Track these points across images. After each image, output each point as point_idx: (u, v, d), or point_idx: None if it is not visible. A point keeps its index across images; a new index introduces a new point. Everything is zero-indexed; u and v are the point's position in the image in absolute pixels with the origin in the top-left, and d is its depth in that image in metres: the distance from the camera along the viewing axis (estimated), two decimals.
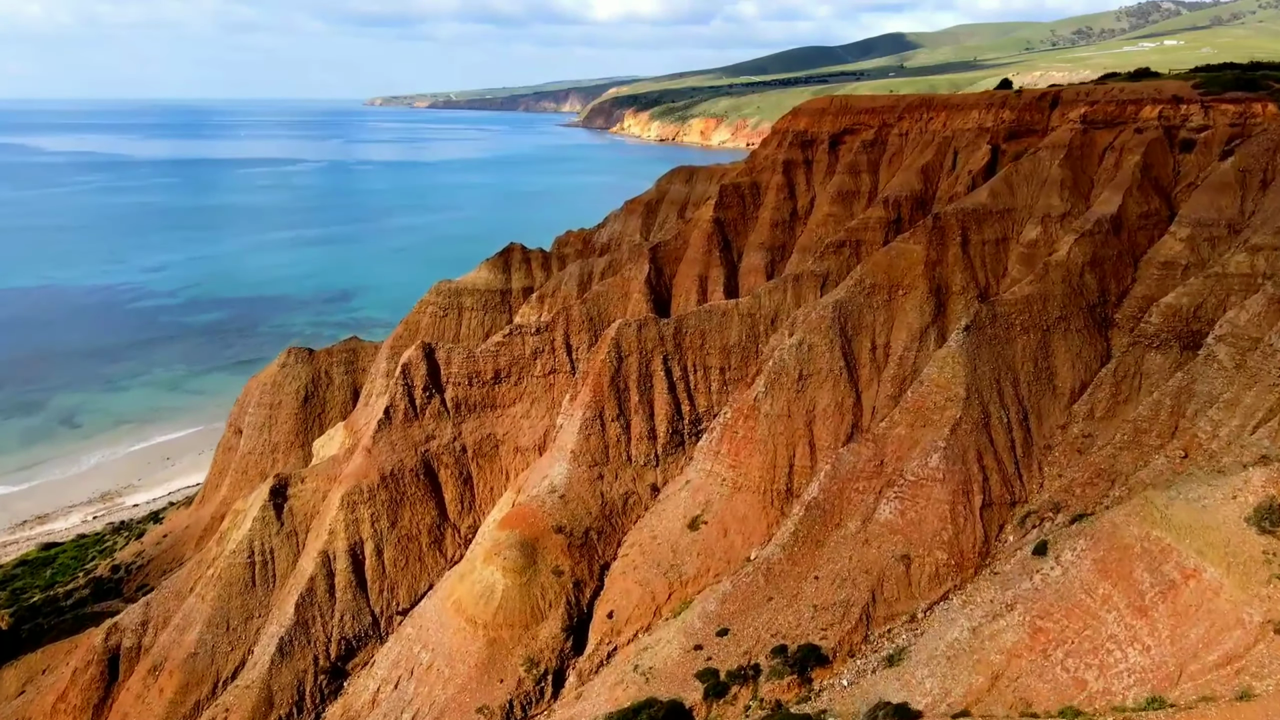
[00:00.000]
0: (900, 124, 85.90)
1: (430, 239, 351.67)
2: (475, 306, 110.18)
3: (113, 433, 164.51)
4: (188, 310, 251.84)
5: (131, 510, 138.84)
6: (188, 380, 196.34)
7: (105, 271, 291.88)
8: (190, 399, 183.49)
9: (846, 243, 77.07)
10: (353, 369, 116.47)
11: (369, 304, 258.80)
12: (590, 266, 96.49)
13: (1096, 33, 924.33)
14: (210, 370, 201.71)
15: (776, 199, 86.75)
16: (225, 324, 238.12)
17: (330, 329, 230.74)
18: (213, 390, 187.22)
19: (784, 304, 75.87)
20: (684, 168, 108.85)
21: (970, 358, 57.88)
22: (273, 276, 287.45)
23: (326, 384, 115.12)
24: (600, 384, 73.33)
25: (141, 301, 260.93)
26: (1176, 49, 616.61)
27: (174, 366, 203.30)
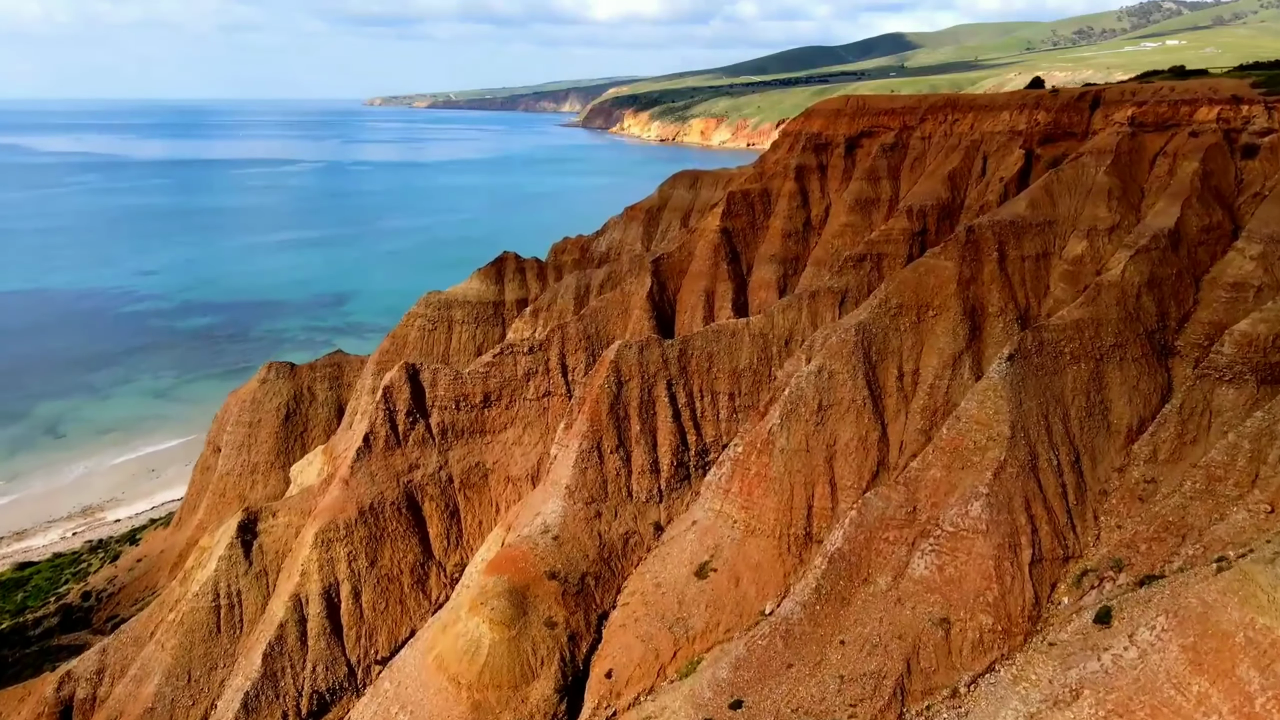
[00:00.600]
0: (923, 126, 79.14)
1: (426, 242, 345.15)
2: (466, 319, 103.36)
3: (97, 443, 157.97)
4: (178, 315, 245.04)
5: (113, 526, 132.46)
6: (176, 388, 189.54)
7: (95, 275, 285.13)
8: (178, 408, 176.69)
9: (867, 256, 70.25)
10: (337, 384, 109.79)
11: (362, 308, 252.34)
12: (588, 278, 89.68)
13: (1097, 32, 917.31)
14: (200, 378, 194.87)
15: (789, 207, 79.99)
16: (216, 329, 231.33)
17: (323, 334, 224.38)
18: (202, 399, 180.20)
19: (799, 323, 69.06)
20: (688, 172, 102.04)
21: (1014, 391, 51.11)
22: (265, 280, 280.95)
23: (309, 401, 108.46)
24: (598, 412, 66.53)
25: (131, 306, 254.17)
26: (1180, 49, 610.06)
27: (162, 374, 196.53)
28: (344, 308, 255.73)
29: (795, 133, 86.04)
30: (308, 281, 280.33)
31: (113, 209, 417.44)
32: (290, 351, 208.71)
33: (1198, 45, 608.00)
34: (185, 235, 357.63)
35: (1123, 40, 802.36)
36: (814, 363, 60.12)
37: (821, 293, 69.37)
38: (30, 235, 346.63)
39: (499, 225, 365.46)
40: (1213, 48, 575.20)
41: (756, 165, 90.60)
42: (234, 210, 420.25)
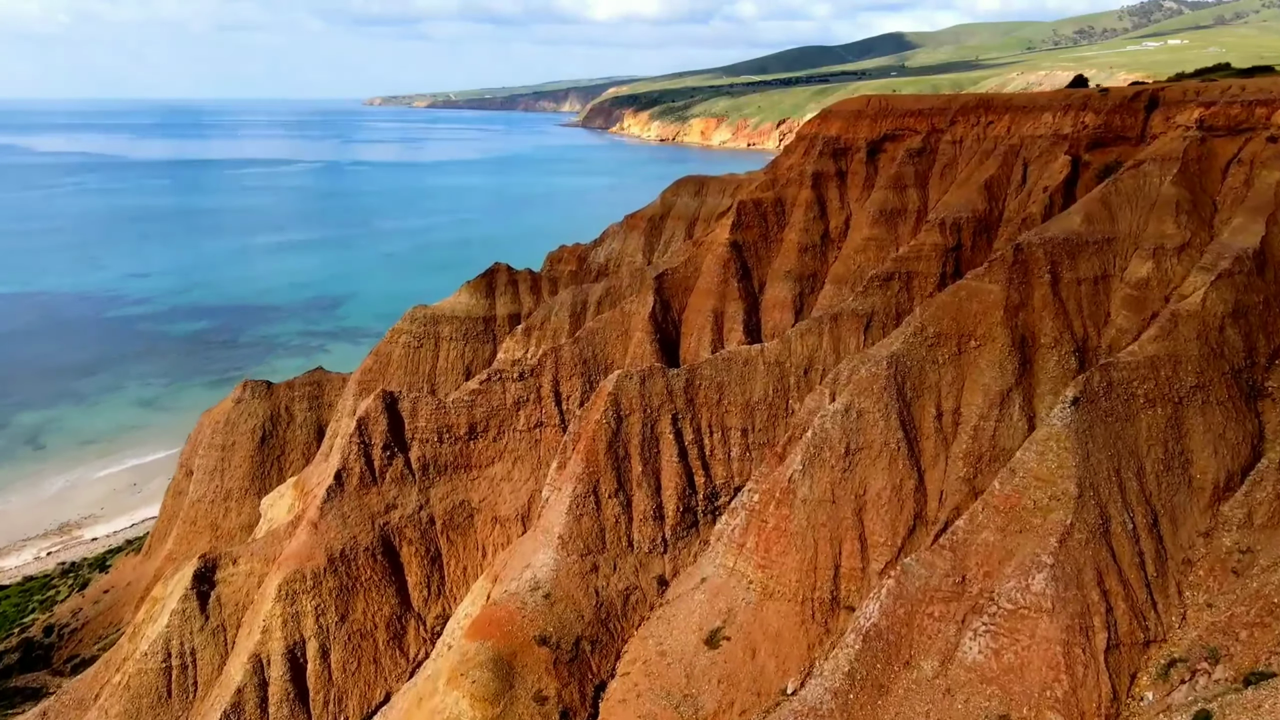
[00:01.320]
0: (953, 129, 71.30)
1: (424, 244, 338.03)
2: (454, 336, 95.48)
3: (79, 455, 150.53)
4: (168, 319, 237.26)
5: (89, 546, 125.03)
6: (164, 397, 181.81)
7: (85, 277, 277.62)
8: (165, 417, 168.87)
9: (895, 275, 62.38)
10: (317, 404, 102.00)
11: (357, 312, 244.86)
12: (585, 294, 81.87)
13: (1099, 32, 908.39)
14: (188, 386, 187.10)
15: (805, 218, 72.17)
16: (207, 334, 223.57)
17: (316, 339, 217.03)
18: (189, 407, 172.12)
19: (819, 351, 61.22)
20: (692, 178, 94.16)
21: (1080, 441, 43.27)
22: (259, 283, 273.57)
23: (287, 422, 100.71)
24: (595, 451, 58.70)
25: (119, 310, 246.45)
26: (1183, 48, 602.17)
27: (149, 382, 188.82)
28: (338, 311, 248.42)
29: (811, 136, 78.15)
30: (302, 284, 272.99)
31: (107, 210, 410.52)
32: (282, 358, 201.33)
33: (1201, 44, 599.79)
34: (179, 237, 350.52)
35: (1124, 39, 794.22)
36: (840, 400, 52.27)
37: (844, 316, 61.50)
38: (22, 237, 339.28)
39: (498, 227, 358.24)
40: (1216, 47, 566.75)
41: (768, 171, 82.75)
42: (230, 211, 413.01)
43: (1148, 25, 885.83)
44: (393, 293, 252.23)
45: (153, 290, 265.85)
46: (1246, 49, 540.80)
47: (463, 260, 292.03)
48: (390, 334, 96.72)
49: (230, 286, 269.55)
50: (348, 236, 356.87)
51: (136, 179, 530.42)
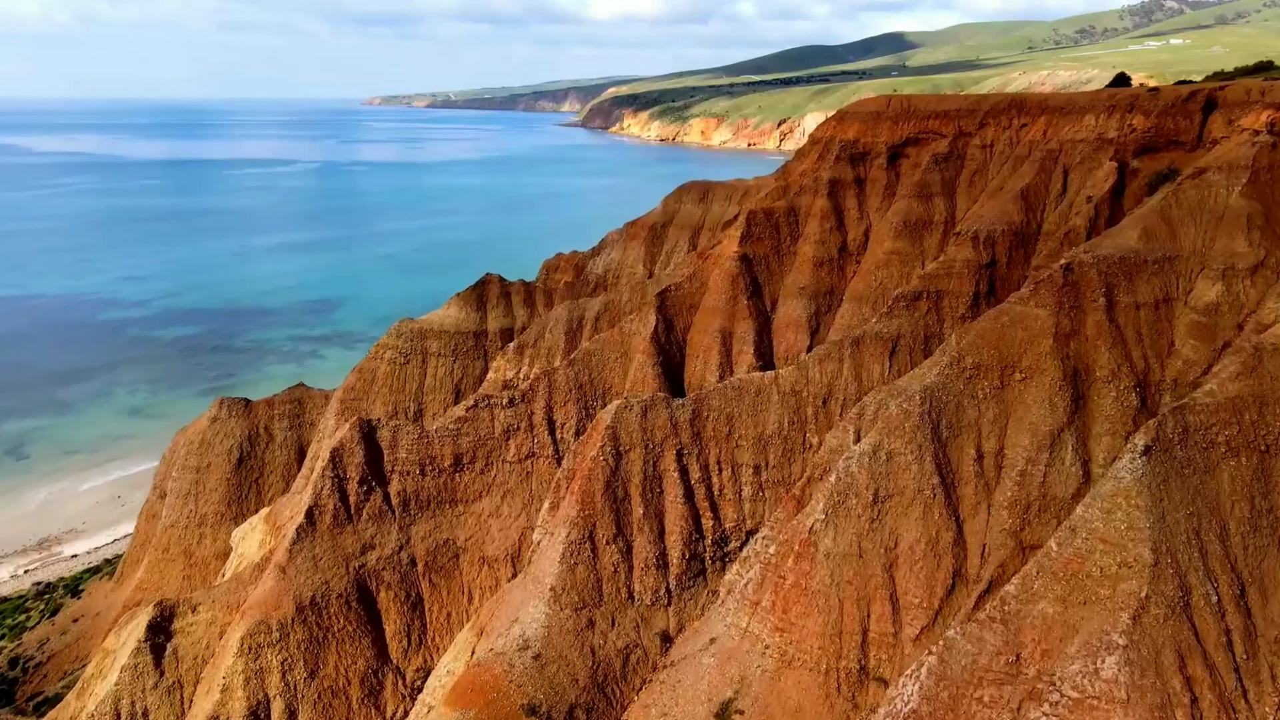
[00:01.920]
0: (982, 132, 64.90)
1: (421, 245, 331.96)
2: (443, 352, 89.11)
3: (63, 466, 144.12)
4: (159, 323, 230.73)
5: (69, 563, 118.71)
6: (152, 404, 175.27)
7: (76, 280, 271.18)
8: (152, 426, 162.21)
9: (923, 294, 55.96)
10: (298, 423, 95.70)
11: (352, 316, 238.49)
12: (581, 310, 75.50)
13: (1099, 31, 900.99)
14: (177, 393, 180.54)
15: (820, 230, 65.78)
16: (198, 339, 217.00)
17: (309, 344, 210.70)
18: (178, 416, 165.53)
19: (840, 379, 54.82)
20: (696, 183, 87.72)
21: (1155, 498, 36.92)
22: (253, 286, 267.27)
23: (266, 442, 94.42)
24: (591, 492, 52.33)
25: (110, 313, 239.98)
26: (1186, 48, 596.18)
27: (138, 389, 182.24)
28: (333, 316, 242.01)
29: (826, 140, 71.65)
30: (297, 287, 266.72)
31: (103, 210, 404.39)
32: (274, 364, 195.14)
33: (1204, 44, 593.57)
34: (175, 238, 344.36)
35: (1125, 39, 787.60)
36: (867, 440, 45.88)
37: (867, 340, 55.10)
38: (15, 238, 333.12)
39: (497, 228, 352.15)
40: (1220, 46, 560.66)
41: (778, 178, 76.34)
42: (226, 212, 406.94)
43: (1149, 25, 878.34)
44: (389, 296, 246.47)
45: (145, 293, 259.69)
46: (1250, 48, 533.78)
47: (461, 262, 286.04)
48: (375, 349, 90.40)
49: (224, 289, 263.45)
50: (344, 238, 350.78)
51: (134, 179, 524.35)
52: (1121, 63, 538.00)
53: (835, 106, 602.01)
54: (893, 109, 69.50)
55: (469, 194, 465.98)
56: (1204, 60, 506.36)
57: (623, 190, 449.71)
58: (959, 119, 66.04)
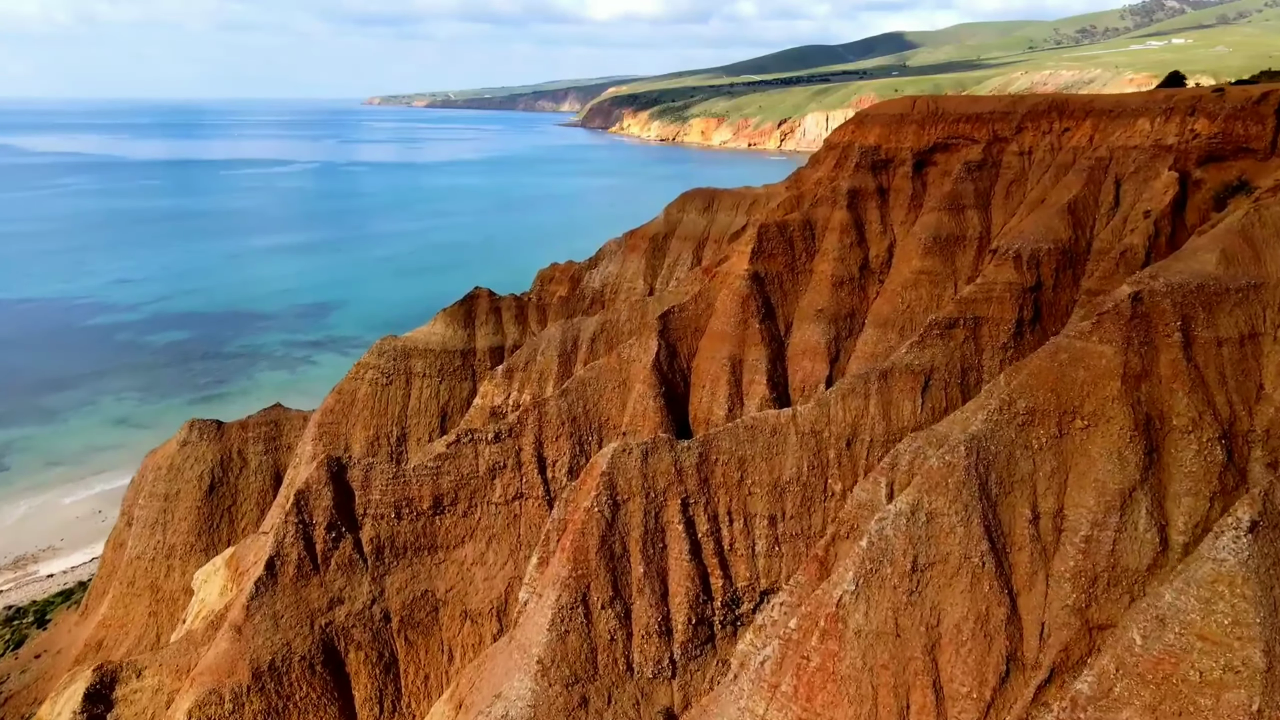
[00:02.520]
0: (1019, 138, 58.12)
1: (419, 247, 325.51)
2: (429, 372, 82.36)
3: (44, 478, 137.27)
4: (149, 328, 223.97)
5: (44, 584, 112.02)
6: (138, 413, 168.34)
7: (67, 283, 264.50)
8: (138, 437, 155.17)
9: (960, 321, 49.18)
10: (274, 447, 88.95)
11: (347, 320, 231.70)
12: (576, 330, 68.75)
13: (1100, 31, 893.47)
14: (165, 402, 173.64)
15: (840, 245, 58.99)
16: (188, 344, 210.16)
17: (302, 349, 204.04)
18: (164, 426, 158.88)
19: (865, 417, 48.05)
20: (700, 191, 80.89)
21: (1265, 586, 30.24)
22: (246, 289, 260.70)
23: (239, 468, 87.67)
24: (584, 548, 45.59)
25: (99, 317, 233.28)
26: (1189, 47, 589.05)
27: (124, 396, 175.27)
28: (327, 320, 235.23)
29: (843, 145, 64.78)
30: (291, 290, 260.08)
31: (98, 211, 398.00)
32: (265, 370, 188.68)
33: (1207, 44, 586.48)
34: (169, 240, 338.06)
35: (1127, 39, 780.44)
36: (905, 498, 39.11)
37: (897, 373, 48.31)
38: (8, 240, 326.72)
39: (496, 230, 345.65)
40: (1223, 46, 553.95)
41: (791, 186, 69.51)
42: (222, 213, 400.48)
43: (1150, 25, 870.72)
44: (384, 300, 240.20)
45: (137, 297, 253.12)
46: (1255, 48, 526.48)
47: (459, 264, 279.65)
48: (356, 369, 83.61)
49: (218, 293, 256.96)
50: (341, 239, 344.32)
51: (130, 180, 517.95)
52: (1124, 62, 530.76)
53: (836, 106, 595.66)
54: (918, 111, 62.65)
55: (468, 195, 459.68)
56: (1209, 60, 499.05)
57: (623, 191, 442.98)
58: (993, 123, 59.25)
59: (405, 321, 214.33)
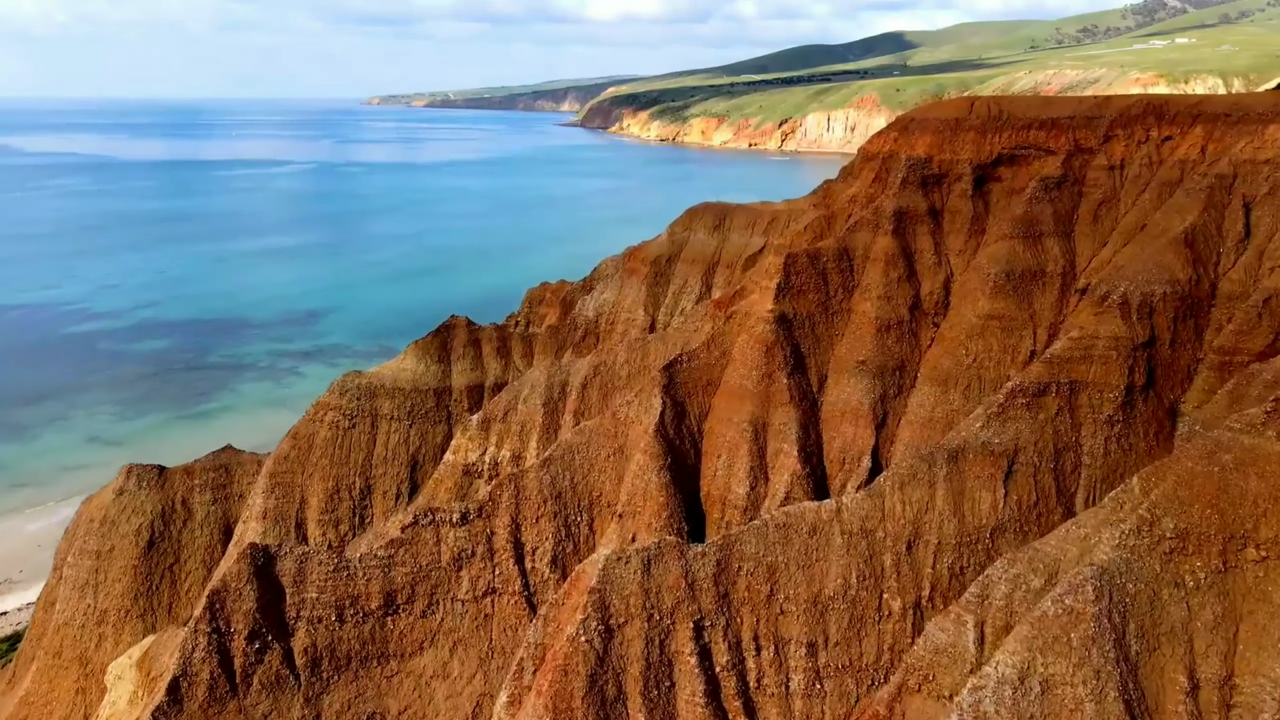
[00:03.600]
0: (1108, 148, 46.57)
1: (415, 250, 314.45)
2: (397, 414, 70.85)
3: (8, 501, 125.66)
4: (132, 336, 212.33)
5: None
6: (113, 430, 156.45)
7: (50, 289, 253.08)
8: (110, 456, 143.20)
9: (1050, 387, 37.71)
10: (224, 495, 77.42)
11: (337, 328, 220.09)
12: (565, 374, 57.24)
13: (1102, 31, 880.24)
14: (143, 417, 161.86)
15: (884, 280, 47.47)
16: (171, 353, 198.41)
17: (289, 359, 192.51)
18: (139, 444, 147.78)
19: (931, 512, 36.59)
20: (709, 206, 69.26)
21: None
22: (234, 294, 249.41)
23: (183, 520, 76.09)
24: (567, 691, 34.10)
25: (81, 325, 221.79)
26: (1194, 46, 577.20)
27: (99, 411, 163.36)
28: (316, 328, 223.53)
29: (884, 156, 53.06)
30: (281, 296, 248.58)
31: (88, 213, 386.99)
32: (250, 382, 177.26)
33: (1213, 42, 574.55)
34: (158, 243, 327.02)
35: (1130, 38, 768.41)
36: (1009, 659, 27.61)
37: (971, 454, 36.80)
38: None
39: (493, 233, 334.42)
40: (1230, 45, 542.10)
41: (818, 203, 57.89)
42: (215, 215, 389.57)
43: (1151, 24, 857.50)
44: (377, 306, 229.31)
45: (121, 303, 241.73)
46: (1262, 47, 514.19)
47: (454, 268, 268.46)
48: (314, 410, 71.99)
49: (205, 298, 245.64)
50: (334, 242, 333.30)
51: (124, 180, 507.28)
52: (1130, 61, 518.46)
53: (837, 106, 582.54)
54: (978, 115, 50.99)
55: (466, 196, 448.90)
56: (1217, 59, 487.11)
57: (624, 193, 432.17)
58: (1074, 130, 47.67)
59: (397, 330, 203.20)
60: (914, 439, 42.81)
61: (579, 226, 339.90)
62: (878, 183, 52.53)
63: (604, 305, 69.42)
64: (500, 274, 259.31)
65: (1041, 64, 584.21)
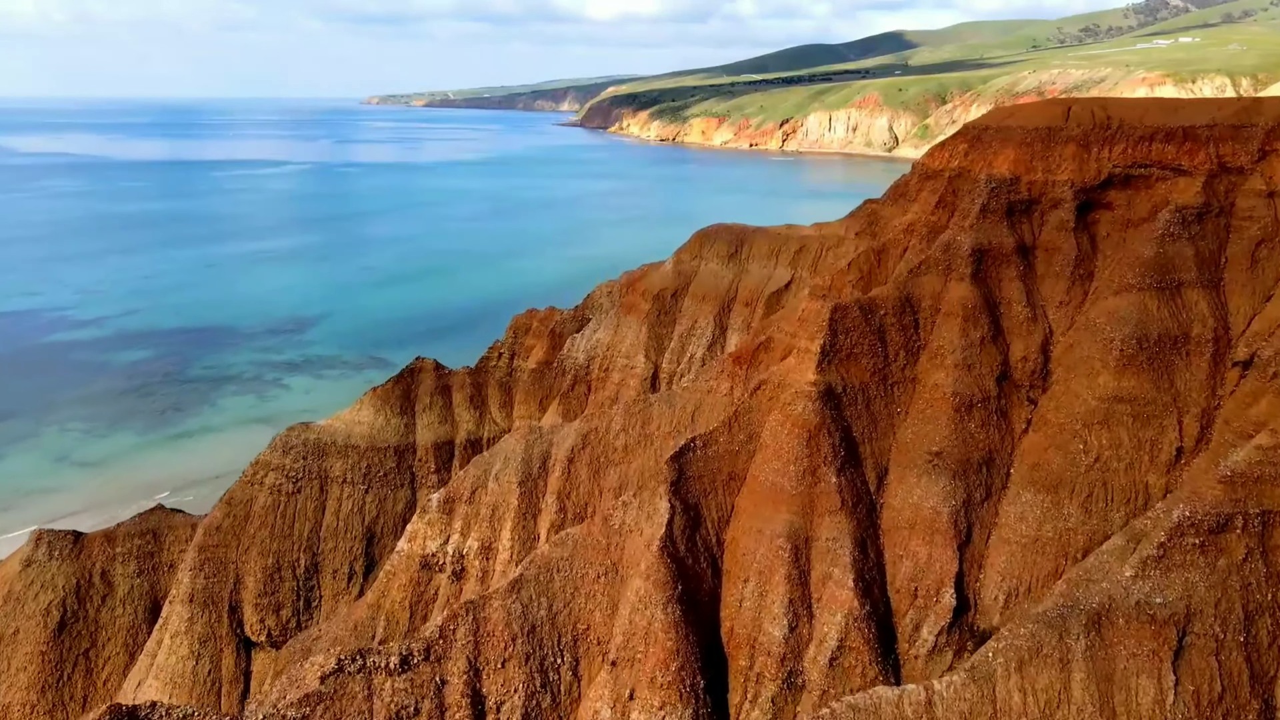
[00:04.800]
0: (1265, 166, 34.35)
1: (410, 253, 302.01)
2: (351, 477, 58.87)
3: None
4: (112, 346, 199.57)
5: None
6: (82, 448, 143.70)
7: (30, 296, 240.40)
8: (77, 478, 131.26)
9: (1236, 523, 25.55)
10: (151, 566, 65.79)
11: (326, 338, 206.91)
12: (547, 444, 45.03)
13: (1104, 30, 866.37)
14: (114, 434, 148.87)
15: (962, 341, 35.22)
16: (151, 364, 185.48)
17: (274, 371, 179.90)
18: (108, 465, 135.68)
19: (1066, 706, 24.56)
20: (723, 230, 56.71)
21: None
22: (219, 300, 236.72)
23: (102, 596, 64.41)
24: None
25: (59, 334, 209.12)
26: (1200, 45, 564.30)
27: (70, 427, 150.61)
28: (304, 337, 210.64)
29: (950, 174, 40.51)
30: (268, 302, 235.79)
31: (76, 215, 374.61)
32: (230, 396, 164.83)
33: (1219, 42, 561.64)
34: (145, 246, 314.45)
35: (1132, 37, 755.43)
36: None
37: (1120, 619, 24.74)
38: None
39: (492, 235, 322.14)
40: (1237, 44, 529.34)
41: (862, 229, 45.43)
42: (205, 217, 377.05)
43: (1154, 23, 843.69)
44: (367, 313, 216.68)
45: (102, 310, 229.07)
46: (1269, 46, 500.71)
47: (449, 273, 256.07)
48: (252, 470, 59.92)
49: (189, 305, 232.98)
50: (326, 245, 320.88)
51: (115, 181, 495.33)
52: (1135, 61, 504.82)
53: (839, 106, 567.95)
54: (1078, 123, 38.44)
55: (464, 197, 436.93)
56: (1224, 59, 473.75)
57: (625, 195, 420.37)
58: (1215, 142, 35.38)
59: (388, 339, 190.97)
60: (1014, 568, 30.85)
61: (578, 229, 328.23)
62: (943, 209, 40.30)
63: (597, 347, 57.15)
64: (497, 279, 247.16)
65: (1045, 63, 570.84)
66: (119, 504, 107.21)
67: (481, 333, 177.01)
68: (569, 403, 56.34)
